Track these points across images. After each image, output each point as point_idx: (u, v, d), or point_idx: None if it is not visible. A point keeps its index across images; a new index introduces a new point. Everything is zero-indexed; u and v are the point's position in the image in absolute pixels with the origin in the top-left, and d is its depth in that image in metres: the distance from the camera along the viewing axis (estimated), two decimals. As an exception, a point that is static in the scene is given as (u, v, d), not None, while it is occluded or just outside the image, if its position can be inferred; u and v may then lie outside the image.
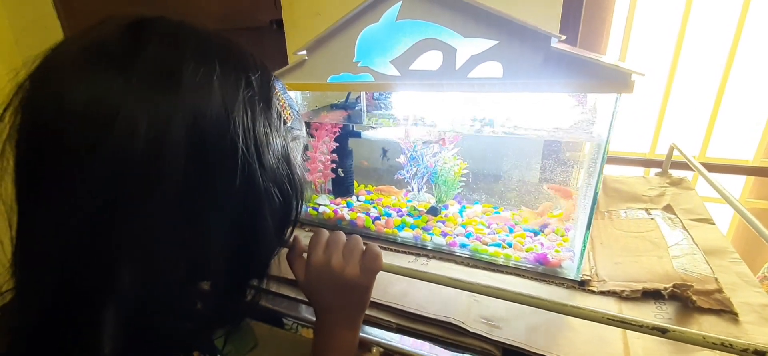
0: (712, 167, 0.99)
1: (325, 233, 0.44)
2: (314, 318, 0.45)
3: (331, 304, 0.43)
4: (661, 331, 0.33)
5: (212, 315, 0.35)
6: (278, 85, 0.35)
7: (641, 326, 0.33)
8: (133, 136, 0.25)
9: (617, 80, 0.44)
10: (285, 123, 0.35)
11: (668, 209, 0.72)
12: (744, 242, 1.07)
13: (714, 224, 0.66)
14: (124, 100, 0.25)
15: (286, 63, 1.20)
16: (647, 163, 1.11)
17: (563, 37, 0.49)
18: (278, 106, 0.34)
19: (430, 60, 0.52)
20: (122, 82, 0.25)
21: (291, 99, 0.38)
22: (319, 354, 0.43)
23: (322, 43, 0.59)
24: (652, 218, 0.70)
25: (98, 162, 0.25)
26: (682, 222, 0.67)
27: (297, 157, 0.37)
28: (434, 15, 0.50)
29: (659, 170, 0.88)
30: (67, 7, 1.56)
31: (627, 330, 0.46)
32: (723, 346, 0.30)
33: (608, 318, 0.34)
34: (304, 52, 0.60)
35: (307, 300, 0.53)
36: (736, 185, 1.10)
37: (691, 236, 0.62)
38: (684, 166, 0.91)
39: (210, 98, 0.27)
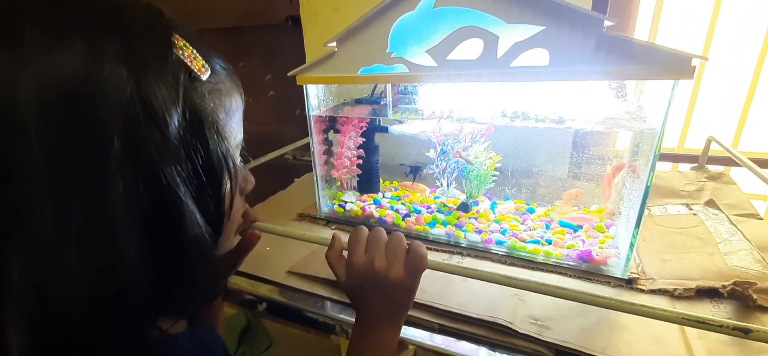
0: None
1: (365, 231, 0.42)
2: (337, 315, 0.43)
3: (374, 305, 0.41)
4: (743, 331, 0.30)
5: (142, 323, 0.28)
6: (181, 36, 0.27)
7: (721, 326, 0.31)
8: None
9: (676, 66, 0.41)
10: (194, 78, 0.28)
11: (711, 204, 0.69)
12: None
13: (762, 219, 0.63)
14: None
15: (303, 59, 1.19)
16: (677, 158, 1.07)
17: (614, 22, 0.46)
18: (182, 58, 0.27)
19: (470, 49, 0.50)
20: None
21: (208, 49, 0.30)
22: (359, 352, 0.41)
23: (354, 34, 0.57)
24: (694, 214, 0.67)
25: None
26: (728, 217, 0.64)
27: (223, 119, 0.30)
28: (475, 1, 0.48)
29: (694, 164, 0.85)
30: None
31: (686, 330, 0.43)
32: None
33: (683, 318, 0.32)
34: (334, 44, 0.58)
35: (344, 299, 0.52)
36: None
37: (741, 232, 0.59)
38: (717, 161, 0.88)
39: (65, 55, 0.22)
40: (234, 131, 0.32)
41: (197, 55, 0.28)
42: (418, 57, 0.53)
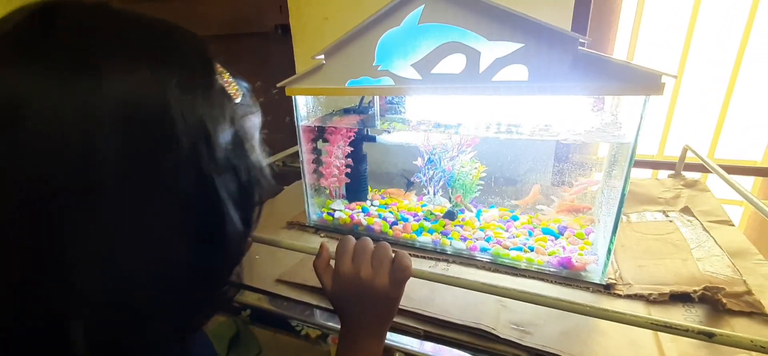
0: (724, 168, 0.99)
1: (352, 240, 0.43)
2: (325, 323, 0.44)
3: (359, 314, 0.42)
4: (707, 335, 0.32)
5: (184, 316, 0.31)
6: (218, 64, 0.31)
7: (687, 331, 0.32)
8: (48, 129, 0.23)
9: (647, 82, 0.43)
10: (232, 101, 0.31)
11: (686, 211, 0.71)
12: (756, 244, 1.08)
13: (734, 225, 0.66)
14: (36, 91, 0.23)
15: (293, 67, 1.20)
16: (656, 165, 1.10)
17: (588, 40, 0.48)
18: (222, 83, 0.31)
19: (453, 63, 0.52)
20: (32, 72, 0.23)
21: (238, 77, 0.34)
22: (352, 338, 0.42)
23: (341, 48, 0.58)
24: (670, 221, 0.69)
25: (17, 161, 0.23)
26: (702, 224, 0.66)
27: (254, 135, 0.34)
28: (458, 18, 0.50)
29: (671, 172, 0.88)
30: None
31: (660, 334, 0.45)
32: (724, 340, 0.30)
33: (652, 323, 0.34)
34: (322, 56, 0.60)
35: (331, 307, 0.52)
36: (744, 186, 1.10)
37: (713, 238, 0.61)
38: (694, 168, 0.91)
39: (136, 83, 0.25)
40: (258, 143, 0.35)
41: (232, 80, 0.32)
42: (403, 70, 0.55)
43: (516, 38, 0.48)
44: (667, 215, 0.71)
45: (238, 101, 0.32)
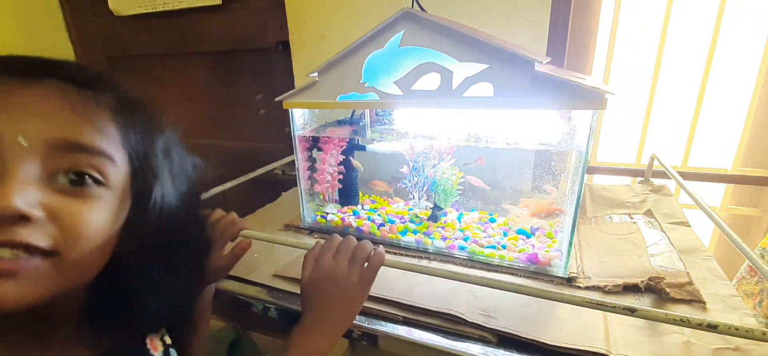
0: (693, 176, 1.06)
1: (338, 239, 0.50)
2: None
3: (322, 308, 0.47)
4: (630, 311, 0.38)
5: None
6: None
7: (614, 307, 0.39)
8: None
9: (593, 99, 0.50)
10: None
11: (649, 213, 0.78)
12: (726, 246, 1.14)
13: (690, 226, 0.73)
14: None
15: (292, 81, 1.27)
16: (634, 172, 1.17)
17: (548, 59, 0.55)
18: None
19: (430, 81, 0.59)
20: None
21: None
22: (295, 349, 0.45)
23: (332, 66, 0.65)
24: (634, 222, 0.76)
25: None
26: (660, 225, 0.73)
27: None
28: (433, 42, 0.57)
29: (641, 178, 0.95)
30: (79, 30, 1.63)
31: (608, 319, 0.51)
32: (681, 322, 0.36)
33: (586, 302, 0.40)
34: (316, 74, 0.67)
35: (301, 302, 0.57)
36: (718, 192, 1.16)
37: (669, 238, 0.68)
38: (663, 175, 0.98)
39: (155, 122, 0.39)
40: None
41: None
42: (387, 87, 0.62)
43: (482, 60, 0.55)
44: (632, 218, 0.78)
45: None
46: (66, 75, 0.33)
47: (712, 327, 0.35)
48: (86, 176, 0.32)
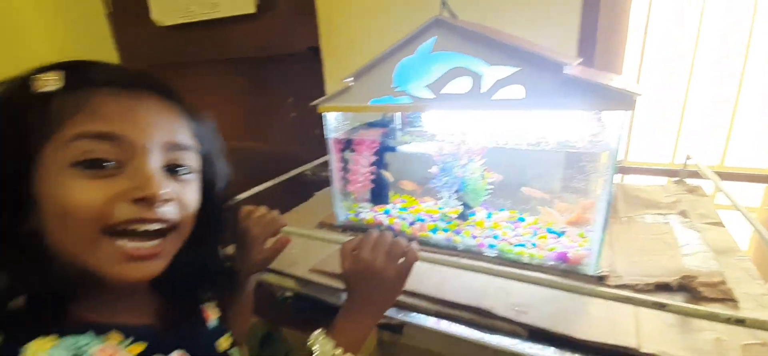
0: (730, 176, 1.03)
1: (375, 234, 0.53)
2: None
3: (365, 294, 0.51)
4: (660, 306, 0.40)
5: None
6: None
7: (644, 302, 0.40)
8: None
9: (622, 100, 0.51)
10: None
11: (683, 214, 0.77)
12: (765, 247, 1.10)
13: (724, 227, 0.72)
14: None
15: (322, 85, 1.31)
16: (669, 172, 1.15)
17: (579, 61, 0.57)
18: None
19: (460, 84, 0.61)
20: None
21: None
22: (339, 330, 0.49)
23: (365, 72, 0.69)
24: (667, 222, 0.75)
25: None
26: (695, 226, 0.72)
27: None
28: (464, 47, 0.59)
29: (677, 178, 0.94)
30: (123, 39, 1.73)
31: (639, 317, 0.52)
32: (709, 317, 0.37)
33: (616, 296, 0.41)
34: (350, 79, 0.70)
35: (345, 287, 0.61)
36: (756, 192, 1.12)
37: (702, 238, 0.67)
38: (701, 175, 0.96)
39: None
40: None
41: None
42: (418, 91, 0.65)
43: (513, 63, 0.57)
44: (665, 218, 0.77)
45: None
46: (157, 88, 0.41)
47: (739, 322, 0.36)
48: (185, 169, 0.41)
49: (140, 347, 0.40)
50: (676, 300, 0.55)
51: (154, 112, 0.40)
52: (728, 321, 0.36)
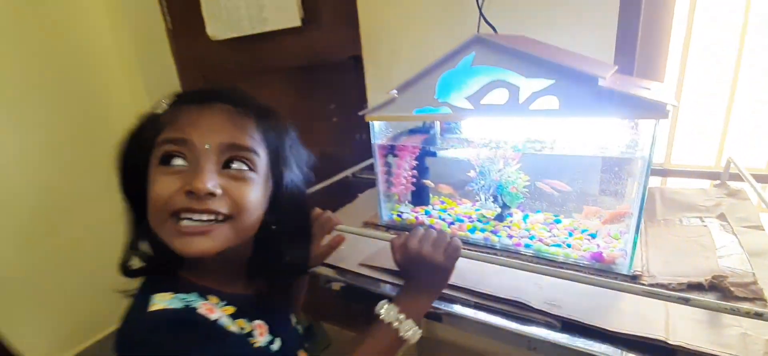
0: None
1: (421, 229, 0.60)
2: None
3: (419, 278, 0.59)
4: (684, 300, 0.44)
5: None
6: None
7: (669, 296, 0.44)
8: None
9: (655, 110, 0.55)
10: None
11: (721, 217, 0.78)
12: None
13: (764, 230, 0.72)
14: None
15: (364, 93, 1.39)
16: (711, 175, 1.13)
17: (614, 69, 0.60)
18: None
19: (498, 96, 0.66)
20: None
21: None
22: (401, 303, 0.57)
23: (409, 85, 0.75)
24: (705, 225, 0.77)
25: None
26: (733, 228, 0.73)
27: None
28: (501, 61, 0.64)
29: (717, 181, 0.94)
30: (182, 52, 1.89)
31: (669, 314, 0.55)
32: (731, 311, 0.41)
33: (643, 291, 0.46)
34: (395, 91, 0.77)
35: (398, 283, 0.69)
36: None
37: (739, 241, 0.69)
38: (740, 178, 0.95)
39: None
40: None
41: None
42: (458, 101, 0.70)
43: (548, 76, 0.61)
44: (703, 221, 0.79)
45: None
46: (227, 98, 0.50)
47: (758, 315, 0.39)
48: (243, 165, 0.48)
49: (231, 309, 0.50)
50: (710, 300, 0.58)
51: (218, 119, 0.48)
52: (747, 314, 0.40)
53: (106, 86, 1.93)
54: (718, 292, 0.58)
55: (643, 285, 0.62)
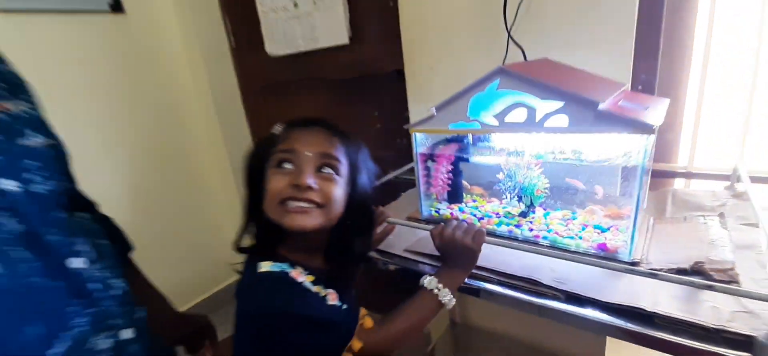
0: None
1: (454, 222, 0.77)
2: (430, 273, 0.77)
3: (454, 258, 0.76)
4: (653, 275, 0.58)
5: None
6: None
7: (642, 272, 0.59)
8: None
9: (645, 128, 0.69)
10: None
11: (721, 215, 0.89)
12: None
13: (758, 227, 0.83)
14: None
15: (405, 103, 1.56)
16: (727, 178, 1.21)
17: (624, 88, 0.74)
18: None
19: (518, 115, 0.82)
20: None
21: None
22: (445, 277, 0.76)
23: (446, 105, 0.92)
24: (705, 223, 0.88)
25: None
26: (729, 225, 0.85)
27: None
28: (521, 87, 0.80)
29: (727, 183, 1.03)
30: (243, 66, 2.14)
31: (657, 291, 0.69)
32: (690, 284, 0.55)
33: (623, 268, 0.60)
34: (434, 109, 0.94)
35: (436, 264, 0.86)
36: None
37: (730, 236, 0.80)
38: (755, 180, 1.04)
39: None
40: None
41: None
42: (486, 118, 0.86)
43: (559, 99, 0.76)
44: (705, 219, 0.90)
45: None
46: (322, 123, 0.72)
47: (709, 287, 0.53)
48: (331, 170, 0.69)
49: (312, 278, 0.70)
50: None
51: (315, 136, 0.70)
52: (709, 288, 0.54)
53: (180, 97, 2.23)
54: (700, 275, 0.70)
55: (640, 269, 0.76)
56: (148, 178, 2.11)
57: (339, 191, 0.69)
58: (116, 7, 1.92)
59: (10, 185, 0.46)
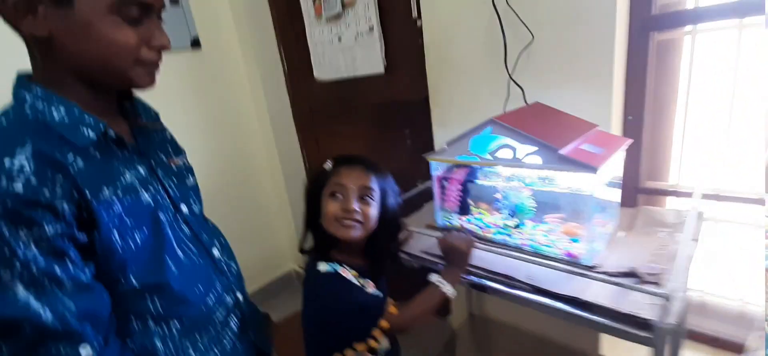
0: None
1: (454, 232, 1.06)
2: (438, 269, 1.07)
3: (453, 260, 1.05)
4: (584, 273, 0.84)
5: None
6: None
7: (572, 271, 0.85)
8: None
9: (587, 167, 0.94)
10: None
11: (676, 229, 1.12)
12: None
13: (696, 241, 1.05)
14: None
15: (431, 130, 1.85)
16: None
17: (595, 128, 1.00)
18: None
19: (506, 153, 1.09)
20: None
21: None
22: (444, 273, 1.04)
23: (454, 141, 1.20)
24: (662, 237, 1.11)
25: None
26: (678, 239, 1.07)
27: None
28: (507, 134, 1.07)
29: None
30: (295, 91, 2.51)
31: (604, 288, 0.94)
32: (612, 283, 0.81)
33: (562, 267, 0.87)
34: (446, 145, 1.23)
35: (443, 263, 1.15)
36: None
37: (674, 249, 1.03)
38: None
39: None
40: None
41: None
42: (483, 154, 1.14)
43: (533, 144, 1.03)
44: (664, 234, 1.13)
45: None
46: (362, 162, 1.03)
47: (621, 285, 0.79)
48: (368, 197, 0.99)
49: (355, 273, 1.00)
50: (630, 282, 0.96)
51: (357, 173, 1.00)
52: (623, 286, 0.80)
53: (241, 115, 2.64)
54: (635, 278, 0.95)
55: (595, 272, 1.02)
56: (216, 180, 2.54)
57: (374, 211, 1.00)
58: (195, 43, 2.35)
59: (184, 208, 0.83)
